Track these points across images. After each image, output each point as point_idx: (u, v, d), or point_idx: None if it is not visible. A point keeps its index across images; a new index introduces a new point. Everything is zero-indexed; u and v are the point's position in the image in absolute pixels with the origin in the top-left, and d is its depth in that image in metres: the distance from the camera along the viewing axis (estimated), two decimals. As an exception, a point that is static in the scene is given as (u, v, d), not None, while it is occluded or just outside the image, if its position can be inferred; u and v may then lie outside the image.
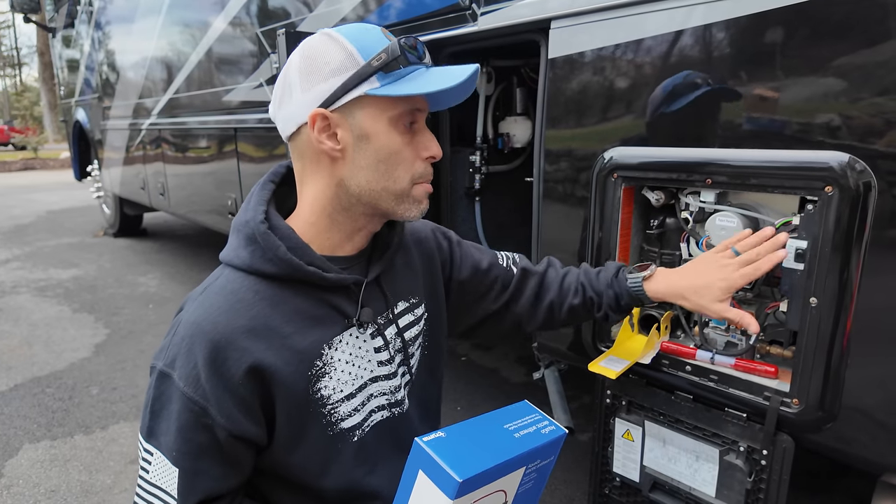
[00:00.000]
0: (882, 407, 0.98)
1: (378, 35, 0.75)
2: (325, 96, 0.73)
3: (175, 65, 3.50)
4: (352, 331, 0.81)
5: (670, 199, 1.22)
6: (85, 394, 2.63)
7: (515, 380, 2.68)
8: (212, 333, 0.71)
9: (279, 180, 0.85)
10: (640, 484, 1.28)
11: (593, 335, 1.34)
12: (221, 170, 3.25)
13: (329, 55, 0.73)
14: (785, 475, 1.08)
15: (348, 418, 0.80)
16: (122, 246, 5.62)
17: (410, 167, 0.77)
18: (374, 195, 0.77)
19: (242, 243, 0.77)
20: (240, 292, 0.75)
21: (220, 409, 0.70)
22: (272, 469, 0.79)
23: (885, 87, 0.90)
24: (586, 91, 1.31)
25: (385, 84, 0.72)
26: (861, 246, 0.95)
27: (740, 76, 1.06)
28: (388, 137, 0.75)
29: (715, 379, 1.15)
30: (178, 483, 0.71)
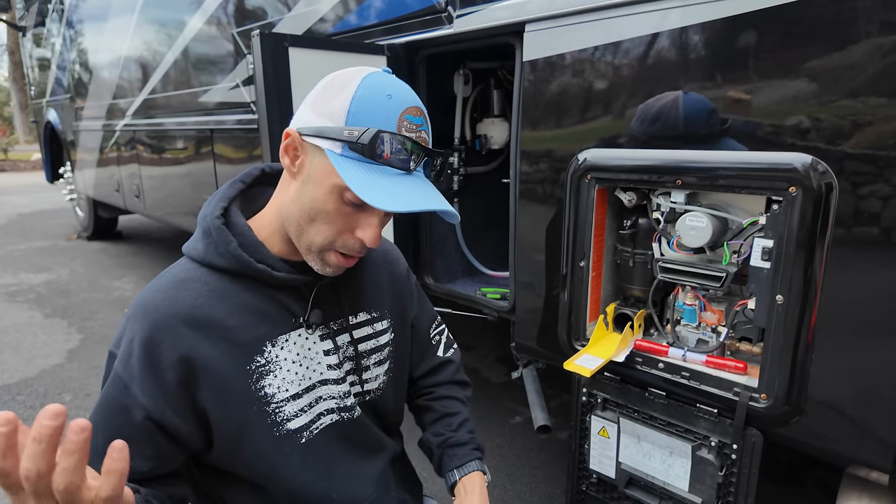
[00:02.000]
0: (846, 401, 1.01)
1: (386, 115, 0.71)
2: (308, 124, 0.73)
3: (150, 65, 3.45)
4: (300, 331, 0.82)
5: (642, 199, 1.24)
6: (57, 401, 2.57)
7: (495, 380, 2.70)
8: (152, 314, 0.73)
9: (250, 181, 0.86)
10: (616, 480, 1.30)
11: (569, 334, 1.36)
12: (198, 171, 3.21)
13: (337, 97, 0.72)
14: (754, 468, 1.11)
15: (294, 419, 0.80)
16: (96, 249, 5.50)
17: (335, 234, 0.75)
18: (296, 230, 0.76)
19: (200, 236, 0.79)
20: (188, 282, 0.77)
21: (143, 390, 0.71)
22: (224, 467, 0.80)
23: (848, 91, 0.94)
24: (561, 93, 1.33)
25: (344, 156, 0.70)
26: (824, 244, 0.98)
27: (710, 80, 1.09)
28: (325, 197, 0.72)
29: (687, 376, 1.17)
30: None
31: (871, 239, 0.94)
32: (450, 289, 1.98)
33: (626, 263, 1.30)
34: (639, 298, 1.32)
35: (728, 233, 1.13)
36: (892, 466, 0.99)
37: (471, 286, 2.02)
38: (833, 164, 0.96)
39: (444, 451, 0.99)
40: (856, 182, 0.95)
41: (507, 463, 2.06)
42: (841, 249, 0.97)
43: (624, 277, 1.34)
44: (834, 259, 0.98)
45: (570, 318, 1.35)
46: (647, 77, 1.17)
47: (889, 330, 0.94)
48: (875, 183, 0.92)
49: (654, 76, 1.16)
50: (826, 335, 1.01)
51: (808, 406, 1.05)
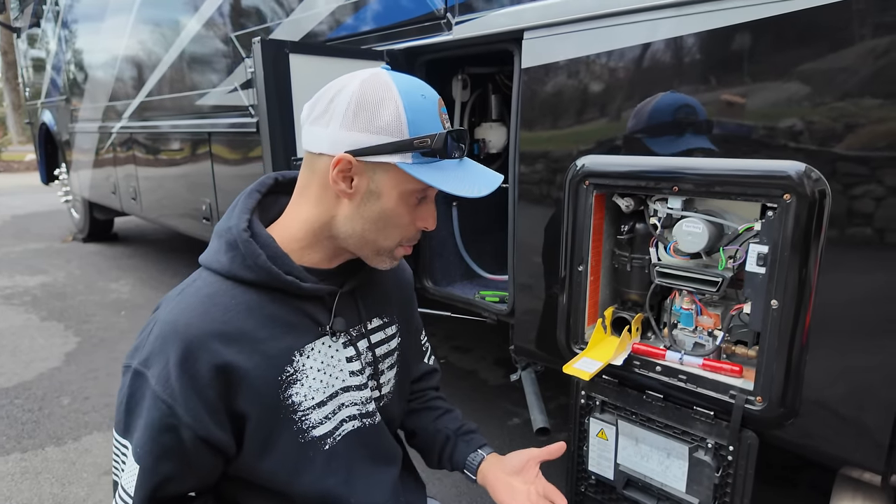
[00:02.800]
0: (839, 403, 1.03)
1: (433, 115, 0.77)
2: (359, 146, 0.74)
3: (147, 67, 3.45)
4: (324, 339, 0.83)
5: (639, 205, 1.26)
6: (56, 404, 2.57)
7: (493, 382, 2.71)
8: (185, 334, 0.72)
9: (265, 190, 0.86)
10: (615, 482, 1.32)
11: (567, 337, 1.38)
12: (195, 174, 3.22)
13: (382, 111, 0.73)
14: (750, 469, 1.13)
15: (319, 426, 0.82)
16: (91, 251, 5.48)
17: (404, 232, 0.81)
18: (360, 242, 0.80)
19: (223, 248, 0.79)
20: (216, 296, 0.76)
21: (187, 409, 0.72)
22: (244, 475, 0.81)
23: (842, 98, 0.96)
24: (558, 99, 1.35)
25: (416, 163, 0.75)
26: (817, 249, 1.00)
27: (705, 87, 1.11)
28: (396, 204, 0.77)
29: (684, 379, 1.19)
30: (136, 480, 0.73)
31: (862, 244, 0.97)
32: (449, 292, 2.00)
33: (624, 268, 1.32)
34: (636, 302, 1.34)
35: (724, 238, 1.15)
36: (885, 467, 1.01)
37: (470, 289, 2.03)
38: (825, 169, 0.98)
39: (459, 438, 1.03)
40: (847, 188, 0.97)
41: None
42: (834, 254, 0.99)
43: (622, 282, 1.35)
44: (827, 264, 1.00)
45: (568, 322, 1.37)
46: (642, 84, 1.19)
47: (880, 333, 0.96)
48: (865, 188, 0.95)
49: (648, 83, 1.18)
50: (820, 339, 1.03)
51: (803, 408, 1.07)
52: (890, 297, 0.95)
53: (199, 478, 0.77)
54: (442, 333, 3.27)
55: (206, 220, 3.18)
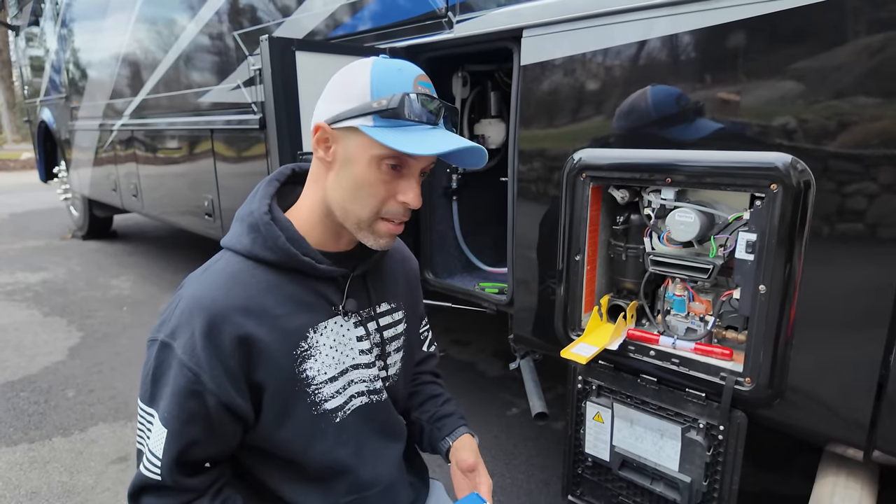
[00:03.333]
0: (824, 383, 1.08)
1: (403, 83, 0.79)
2: (333, 114, 0.80)
3: (148, 65, 3.48)
4: (337, 318, 0.89)
5: (634, 196, 1.32)
6: (61, 397, 2.61)
7: (492, 373, 2.76)
8: (210, 308, 0.77)
9: (284, 179, 0.92)
10: (611, 463, 1.37)
11: (565, 325, 1.43)
12: (197, 171, 3.25)
13: (354, 81, 0.79)
14: (740, 448, 1.18)
15: (331, 399, 0.87)
16: (91, 248, 5.51)
17: (379, 202, 0.82)
18: (343, 214, 0.83)
19: (245, 231, 0.84)
20: (238, 274, 0.82)
21: (212, 377, 0.76)
22: (262, 445, 0.86)
23: (829, 95, 1.01)
24: (557, 96, 1.40)
25: (377, 126, 0.77)
26: (802, 237, 1.05)
27: (698, 83, 1.16)
28: (366, 170, 0.80)
29: (676, 362, 1.24)
30: (164, 442, 0.78)
31: (845, 231, 1.02)
32: (449, 284, 2.05)
33: (619, 257, 1.37)
34: (631, 290, 1.39)
35: (715, 227, 1.20)
36: (867, 443, 1.06)
37: (469, 281, 2.08)
38: (811, 162, 1.03)
39: (433, 425, 1.07)
40: (830, 178, 1.02)
41: (505, 452, 2.12)
42: (818, 242, 1.05)
43: (617, 270, 1.41)
44: (812, 251, 1.05)
45: (566, 310, 1.42)
46: (639, 80, 1.24)
47: (864, 315, 1.02)
48: (850, 180, 1.00)
49: (644, 79, 1.23)
50: (805, 322, 1.08)
51: (790, 389, 1.12)
52: (872, 281, 1.00)
53: (220, 443, 0.82)
54: (441, 326, 3.32)
55: (208, 216, 3.22)
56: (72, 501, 1.90)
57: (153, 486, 0.80)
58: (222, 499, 0.84)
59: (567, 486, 1.49)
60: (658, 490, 1.30)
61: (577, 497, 1.48)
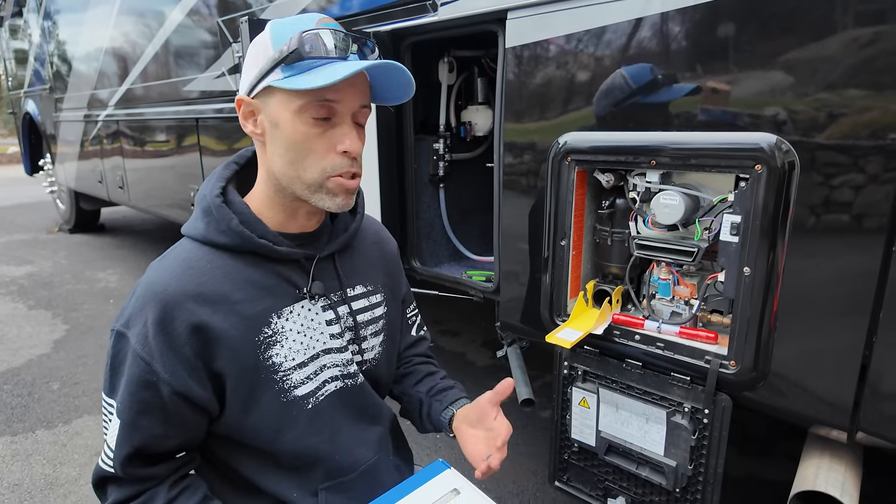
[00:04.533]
0: (808, 365, 1.08)
1: (299, 26, 0.75)
2: (249, 83, 0.78)
3: (132, 55, 3.43)
4: (303, 303, 0.86)
5: (619, 180, 1.30)
6: (45, 389, 2.58)
7: (481, 363, 2.76)
8: (162, 295, 0.75)
9: (244, 162, 0.89)
10: (597, 448, 1.37)
11: (551, 310, 1.42)
12: (183, 161, 3.21)
13: (259, 44, 0.77)
14: (724, 431, 1.17)
15: (301, 386, 0.84)
16: (78, 242, 5.45)
17: (320, 159, 0.77)
18: (289, 181, 0.80)
19: (199, 215, 0.82)
20: (192, 260, 0.80)
21: (164, 366, 0.75)
22: (231, 435, 0.83)
23: (816, 80, 1.00)
24: (542, 79, 1.38)
25: (286, 76, 0.74)
26: (787, 218, 1.04)
27: (685, 65, 1.14)
28: (293, 127, 0.76)
29: (661, 346, 1.24)
30: (117, 434, 0.76)
31: (829, 213, 1.01)
32: (436, 272, 2.03)
33: (605, 242, 1.36)
34: (616, 275, 1.38)
35: (699, 210, 1.19)
36: (850, 425, 1.06)
37: (457, 269, 2.07)
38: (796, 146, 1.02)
39: (433, 399, 1.04)
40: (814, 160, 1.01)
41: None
42: (803, 224, 1.04)
43: (602, 255, 1.40)
44: (796, 232, 1.04)
45: (552, 296, 1.41)
46: (626, 62, 1.22)
47: (847, 298, 1.01)
48: (835, 166, 0.99)
49: (630, 60, 1.21)
50: (789, 305, 1.08)
51: (774, 372, 1.12)
52: (855, 264, 0.99)
53: (181, 435, 0.80)
54: (430, 316, 3.31)
55: (193, 206, 3.18)
56: (55, 493, 1.88)
57: (110, 477, 0.79)
58: (182, 486, 0.81)
59: (554, 473, 1.49)
60: (644, 474, 1.29)
61: (564, 483, 1.48)
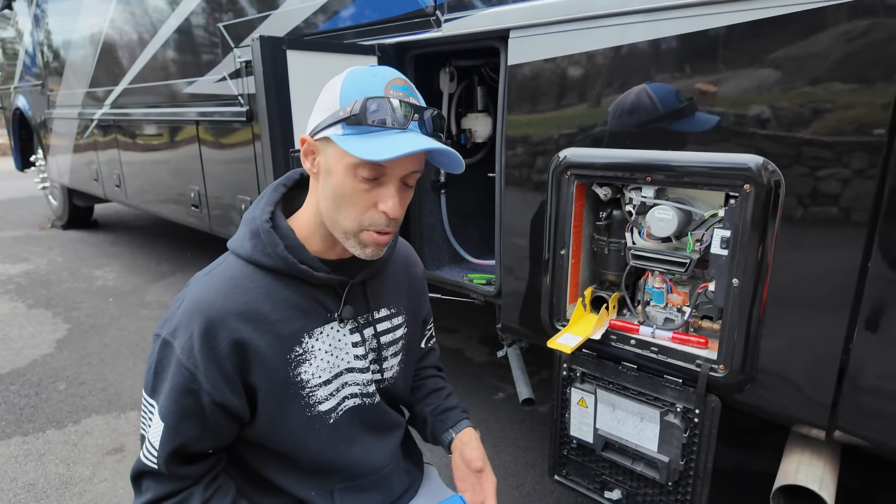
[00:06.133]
0: (790, 369, 1.17)
1: (372, 86, 0.79)
2: (313, 126, 0.83)
3: (131, 54, 3.44)
4: (333, 325, 0.92)
5: (616, 193, 1.38)
6: (52, 389, 2.62)
7: (479, 360, 2.84)
8: (208, 312, 0.81)
9: (291, 184, 0.95)
10: (594, 444, 1.45)
11: (550, 315, 1.50)
12: (183, 162, 3.24)
13: (330, 90, 0.82)
14: (714, 429, 1.26)
15: (324, 402, 0.91)
16: (72, 238, 5.44)
17: (360, 212, 0.82)
18: (329, 222, 0.86)
19: (247, 236, 0.88)
20: (238, 279, 0.85)
21: (207, 377, 0.81)
22: (258, 440, 0.90)
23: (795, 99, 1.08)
24: (542, 95, 1.44)
25: (346, 134, 0.78)
26: (773, 233, 1.12)
27: (676, 86, 1.21)
28: (343, 180, 0.81)
29: (655, 350, 1.32)
30: (161, 435, 0.83)
31: (810, 228, 1.09)
32: (438, 275, 2.10)
33: (602, 251, 1.43)
34: (613, 282, 1.46)
35: (692, 224, 1.27)
36: (828, 424, 1.15)
37: (458, 273, 2.14)
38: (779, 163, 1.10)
39: (436, 418, 1.12)
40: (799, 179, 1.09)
41: (492, 435, 2.21)
42: (786, 237, 1.12)
43: (600, 264, 1.47)
44: (780, 245, 1.13)
45: (551, 301, 1.49)
46: (619, 82, 1.29)
47: (827, 306, 1.09)
48: (815, 180, 1.07)
49: (624, 81, 1.28)
50: (774, 312, 1.16)
51: (760, 374, 1.20)
52: (834, 274, 1.08)
53: (215, 438, 0.87)
54: (428, 315, 3.38)
55: (194, 206, 3.22)
56: (70, 493, 1.94)
57: (151, 472, 0.86)
58: (216, 486, 0.89)
59: (553, 467, 1.58)
60: (638, 469, 1.38)
61: (563, 477, 1.57)
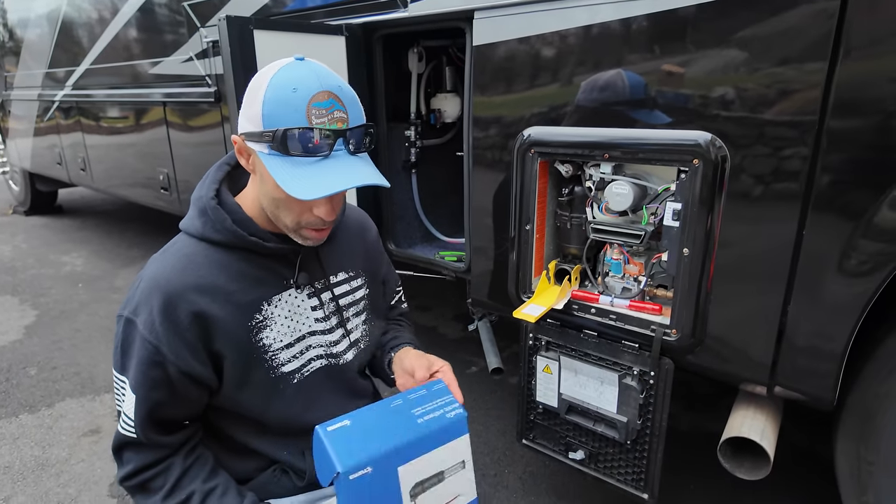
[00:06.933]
0: (735, 332, 1.26)
1: (296, 110, 0.78)
2: (243, 129, 0.84)
3: (91, 33, 3.34)
4: (290, 291, 0.97)
5: (577, 170, 1.44)
6: (23, 375, 2.60)
7: (452, 336, 2.91)
8: (165, 287, 0.86)
9: (234, 163, 0.98)
10: (559, 409, 1.54)
11: (517, 288, 1.57)
12: (151, 144, 3.20)
13: (253, 101, 0.81)
14: (668, 390, 1.35)
15: (288, 364, 0.96)
16: (36, 224, 5.31)
17: (297, 216, 0.87)
18: (271, 215, 0.90)
19: (196, 214, 0.92)
20: (191, 256, 0.90)
21: (170, 349, 0.85)
22: (226, 405, 0.95)
23: (744, 79, 1.15)
24: (507, 75, 1.49)
25: (271, 154, 0.80)
26: (719, 204, 1.20)
27: (640, 63, 1.26)
28: (275, 189, 0.82)
29: (614, 318, 1.40)
30: (134, 406, 0.88)
31: (752, 199, 1.17)
32: (410, 253, 2.15)
33: (565, 226, 1.50)
34: (575, 255, 1.53)
35: (647, 198, 1.34)
36: (769, 381, 1.25)
37: (429, 251, 2.19)
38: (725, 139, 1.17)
39: (382, 350, 1.16)
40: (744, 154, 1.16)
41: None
42: (730, 208, 1.20)
43: (563, 238, 1.54)
44: (725, 216, 1.21)
45: (518, 274, 1.56)
46: (582, 62, 1.35)
47: (767, 272, 1.18)
48: (755, 155, 1.15)
49: (586, 62, 1.34)
50: (721, 279, 1.25)
51: (709, 337, 1.29)
52: (774, 241, 1.16)
53: (186, 406, 0.92)
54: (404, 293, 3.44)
55: (164, 189, 3.19)
56: (47, 473, 1.95)
57: (131, 442, 0.90)
58: (195, 456, 0.94)
59: (521, 432, 1.66)
60: (599, 430, 1.47)
61: (530, 441, 1.65)
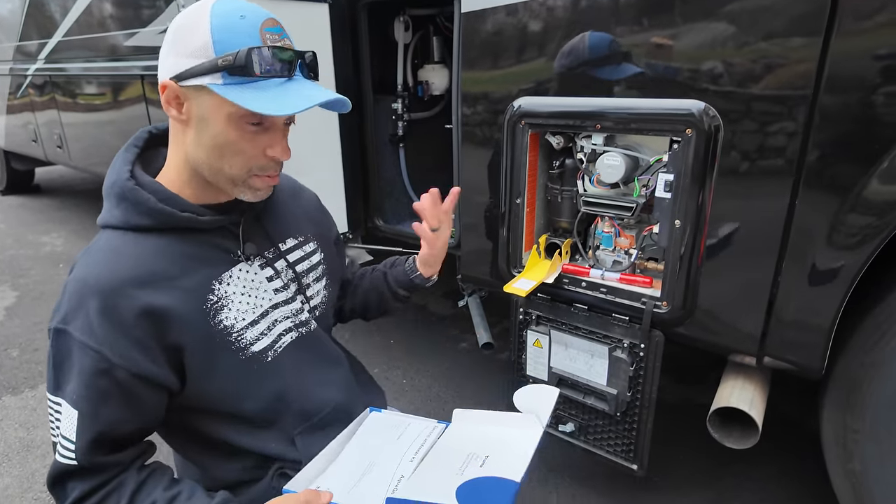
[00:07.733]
0: (725, 304, 1.26)
1: (248, 34, 0.74)
2: (178, 71, 0.75)
3: (64, 2, 3.21)
4: (240, 265, 0.88)
5: (568, 142, 1.42)
6: (5, 357, 2.55)
7: (442, 313, 2.91)
8: (97, 286, 0.75)
9: (143, 144, 0.89)
10: (549, 382, 1.54)
11: (507, 263, 1.55)
12: (129, 119, 3.10)
13: (194, 34, 0.74)
14: (658, 362, 1.36)
15: (256, 342, 0.87)
16: (13, 204, 5.18)
17: (248, 160, 0.80)
18: (211, 172, 0.81)
19: (114, 203, 0.82)
20: (119, 248, 0.80)
21: (116, 351, 0.75)
22: (198, 404, 0.85)
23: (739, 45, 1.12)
24: (497, 43, 1.45)
25: (226, 84, 0.74)
26: (712, 175, 1.19)
27: (635, 27, 1.23)
28: (224, 129, 0.76)
29: (604, 291, 1.39)
30: (76, 425, 0.75)
31: (744, 170, 1.16)
32: (399, 229, 2.12)
33: (556, 199, 1.48)
34: (566, 229, 1.52)
35: (638, 169, 1.32)
36: (759, 351, 1.25)
37: (418, 226, 2.16)
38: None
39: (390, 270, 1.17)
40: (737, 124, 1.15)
41: (455, 383, 2.29)
42: (723, 179, 1.19)
43: (554, 211, 1.53)
44: (718, 187, 1.19)
45: (508, 249, 1.54)
46: (575, 27, 1.30)
47: (759, 243, 1.17)
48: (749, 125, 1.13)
49: (580, 26, 1.29)
50: (712, 251, 1.24)
51: (699, 309, 1.29)
52: (765, 213, 1.15)
53: (142, 416, 0.80)
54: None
55: (144, 167, 3.10)
56: (32, 455, 1.93)
57: (72, 471, 0.77)
58: (151, 468, 0.83)
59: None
60: (590, 402, 1.48)
61: (521, 415, 1.65)
